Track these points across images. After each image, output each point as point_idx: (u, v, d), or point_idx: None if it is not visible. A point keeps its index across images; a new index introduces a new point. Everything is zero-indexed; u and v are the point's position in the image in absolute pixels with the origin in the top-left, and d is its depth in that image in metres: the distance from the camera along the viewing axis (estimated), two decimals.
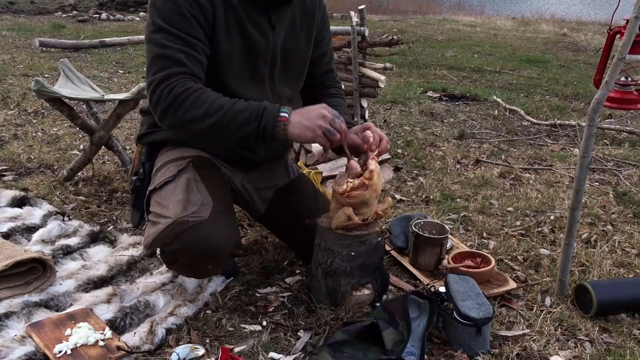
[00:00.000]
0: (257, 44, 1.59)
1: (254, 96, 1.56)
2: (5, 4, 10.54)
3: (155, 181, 1.65)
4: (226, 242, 1.56)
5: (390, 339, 1.47)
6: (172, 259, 1.58)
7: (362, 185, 1.55)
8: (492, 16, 14.72)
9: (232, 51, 1.56)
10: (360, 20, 3.39)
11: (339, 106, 1.85)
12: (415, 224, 1.95)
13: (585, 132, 1.65)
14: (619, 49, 1.56)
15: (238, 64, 1.58)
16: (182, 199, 1.54)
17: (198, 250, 1.51)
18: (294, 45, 1.69)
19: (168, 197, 1.57)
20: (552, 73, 6.59)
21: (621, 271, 2.01)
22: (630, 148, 3.66)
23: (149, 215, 1.62)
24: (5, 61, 5.73)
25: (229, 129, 1.46)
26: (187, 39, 1.47)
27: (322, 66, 1.86)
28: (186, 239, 1.49)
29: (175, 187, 1.59)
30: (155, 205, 1.61)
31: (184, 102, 1.44)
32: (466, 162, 3.26)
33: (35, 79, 2.45)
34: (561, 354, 1.54)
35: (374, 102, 4.58)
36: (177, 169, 1.63)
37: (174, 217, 1.50)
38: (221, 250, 1.55)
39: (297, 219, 1.74)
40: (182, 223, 1.49)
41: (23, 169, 2.84)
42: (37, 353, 1.44)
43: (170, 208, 1.54)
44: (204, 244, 1.50)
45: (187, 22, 1.46)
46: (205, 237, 1.49)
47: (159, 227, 1.53)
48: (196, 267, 1.61)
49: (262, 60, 1.62)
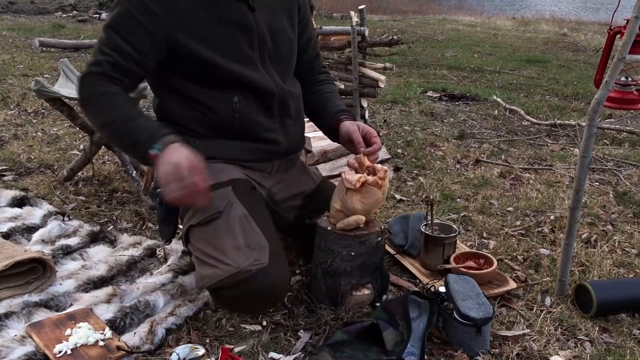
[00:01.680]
0: (239, 28, 1.57)
1: (256, 79, 1.58)
2: (5, 4, 10.55)
3: (198, 214, 1.57)
4: (284, 285, 1.58)
5: (391, 339, 1.47)
6: (231, 302, 1.59)
7: (376, 184, 1.55)
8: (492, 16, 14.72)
9: (216, 40, 1.55)
10: (360, 20, 3.39)
11: (332, 92, 1.86)
12: (425, 225, 1.95)
13: (585, 132, 1.65)
14: (619, 49, 1.56)
15: (229, 50, 1.57)
16: (240, 244, 1.51)
17: (259, 296, 1.53)
18: (280, 26, 1.68)
19: (221, 239, 1.52)
20: (552, 73, 6.59)
21: (621, 271, 2.01)
22: (630, 148, 3.66)
23: (197, 252, 1.58)
24: (5, 61, 5.73)
25: (120, 147, 1.58)
26: (120, 45, 1.47)
27: (310, 52, 1.86)
28: (248, 287, 1.49)
29: (227, 227, 1.54)
30: (204, 244, 1.55)
31: (88, 105, 1.51)
32: (466, 162, 3.26)
33: (35, 79, 2.45)
34: (561, 354, 1.54)
35: (374, 102, 4.58)
36: (222, 203, 1.56)
37: (237, 267, 1.47)
38: (281, 293, 1.59)
39: None
40: (246, 272, 1.47)
41: (23, 169, 2.84)
42: (37, 353, 1.44)
43: (228, 253, 1.50)
44: (265, 290, 1.51)
45: (129, 29, 1.47)
46: (266, 284, 1.50)
47: (216, 272, 1.50)
48: (253, 309, 1.65)
49: (248, 44, 1.60)
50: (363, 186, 1.56)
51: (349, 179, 1.55)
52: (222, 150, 1.66)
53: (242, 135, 1.66)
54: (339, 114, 1.75)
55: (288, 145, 1.75)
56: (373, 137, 1.66)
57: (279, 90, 1.66)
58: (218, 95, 1.59)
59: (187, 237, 1.63)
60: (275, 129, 1.70)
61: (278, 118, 1.70)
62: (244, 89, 1.61)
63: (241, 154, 1.68)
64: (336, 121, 1.73)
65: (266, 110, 1.66)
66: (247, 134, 1.66)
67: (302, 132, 1.85)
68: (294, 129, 1.77)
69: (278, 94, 1.66)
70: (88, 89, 1.49)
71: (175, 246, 2.01)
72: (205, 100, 1.59)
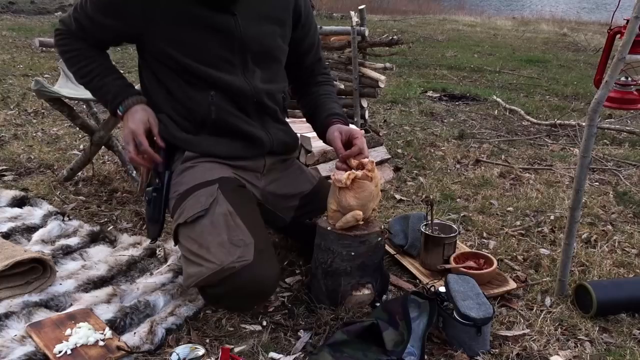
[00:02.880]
0: (216, 32, 1.59)
1: (229, 81, 1.63)
2: (5, 4, 10.55)
3: (184, 213, 1.59)
4: (271, 281, 1.57)
5: (391, 340, 1.47)
6: (217, 299, 1.60)
7: (366, 177, 1.56)
8: (492, 16, 14.72)
9: (193, 41, 1.59)
10: (360, 20, 3.39)
11: (328, 94, 1.87)
12: (425, 225, 1.95)
13: (585, 132, 1.65)
14: (619, 49, 1.56)
15: (201, 53, 1.60)
16: (224, 241, 1.51)
17: (245, 293, 1.52)
18: (265, 31, 1.68)
19: (205, 237, 1.53)
20: (552, 73, 6.59)
21: (621, 271, 2.01)
22: (630, 148, 3.66)
23: (184, 251, 1.59)
24: (5, 61, 5.73)
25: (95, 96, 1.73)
26: (96, 19, 1.61)
27: (311, 57, 1.87)
28: (233, 284, 1.49)
29: (211, 225, 1.54)
30: (191, 243, 1.56)
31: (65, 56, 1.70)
32: (466, 162, 3.26)
33: (35, 79, 2.45)
34: (561, 354, 1.54)
35: (374, 102, 4.58)
36: (208, 201, 1.58)
37: (220, 264, 1.47)
38: (267, 289, 1.59)
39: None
40: (229, 269, 1.47)
41: (23, 169, 2.84)
42: (37, 353, 1.44)
43: (212, 251, 1.50)
44: (250, 287, 1.51)
45: (107, 10, 1.59)
46: (252, 280, 1.49)
47: (201, 270, 1.50)
48: (241, 306, 1.65)
49: (228, 48, 1.62)
50: (354, 182, 1.56)
51: (339, 178, 1.56)
52: (209, 145, 1.68)
53: (222, 130, 1.68)
54: (329, 117, 1.76)
55: (272, 141, 1.76)
56: (354, 138, 1.65)
57: (253, 92, 1.67)
58: (194, 88, 1.64)
59: (176, 237, 1.64)
60: (255, 125, 1.72)
61: (256, 116, 1.72)
62: (218, 88, 1.64)
63: (228, 150, 1.70)
64: (326, 125, 1.75)
65: (241, 109, 1.69)
66: (227, 128, 1.69)
67: (287, 130, 1.86)
68: (275, 125, 1.78)
69: (251, 95, 1.67)
70: (64, 42, 1.69)
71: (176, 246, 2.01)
72: (185, 90, 1.64)
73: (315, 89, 1.88)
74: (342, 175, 1.56)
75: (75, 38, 1.67)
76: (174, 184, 1.68)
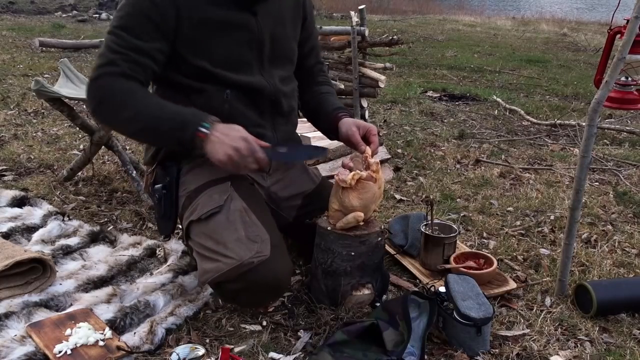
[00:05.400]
0: (237, 30, 1.58)
1: (247, 81, 1.60)
2: (5, 4, 10.55)
3: (197, 210, 1.59)
4: (286, 276, 1.59)
5: (391, 340, 1.47)
6: (233, 295, 1.61)
7: (370, 178, 1.56)
8: (492, 16, 14.72)
9: (211, 42, 1.56)
10: (360, 20, 3.39)
11: (330, 92, 1.88)
12: (425, 225, 1.95)
13: (585, 132, 1.65)
14: (619, 49, 1.56)
15: (222, 54, 1.58)
16: (241, 237, 1.52)
17: (261, 288, 1.53)
18: (282, 32, 1.69)
19: (222, 232, 1.53)
20: (552, 73, 6.59)
21: (621, 271, 2.01)
22: (630, 148, 3.66)
23: (198, 248, 1.58)
24: (5, 61, 5.73)
25: (153, 137, 1.53)
26: (133, 42, 1.47)
27: (311, 59, 1.89)
28: (251, 279, 1.50)
29: (227, 221, 1.55)
30: (205, 239, 1.56)
31: (108, 103, 1.47)
32: (466, 162, 3.26)
33: (35, 79, 2.45)
34: (561, 354, 1.54)
35: (374, 102, 4.58)
36: (222, 198, 1.58)
37: (239, 259, 1.48)
38: (283, 284, 1.61)
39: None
40: (248, 264, 1.48)
41: (23, 169, 2.84)
42: (37, 353, 1.44)
43: (230, 246, 1.50)
44: (268, 282, 1.52)
45: (139, 24, 1.48)
46: (269, 276, 1.51)
47: (219, 265, 1.51)
48: (256, 302, 1.66)
49: (247, 46, 1.61)
50: (359, 182, 1.56)
51: (343, 178, 1.56)
52: None
53: None
54: (337, 111, 1.77)
55: (278, 142, 1.76)
56: (372, 135, 1.67)
57: (272, 90, 1.67)
58: (210, 87, 1.61)
59: (187, 234, 1.64)
60: (265, 125, 1.71)
61: (269, 115, 1.72)
62: (235, 87, 1.62)
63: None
64: (335, 119, 1.74)
65: (256, 108, 1.68)
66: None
67: (293, 131, 1.86)
68: (285, 127, 1.78)
69: (269, 93, 1.67)
70: (104, 90, 1.47)
71: (175, 246, 2.01)
72: (199, 87, 1.60)
73: (316, 88, 1.89)
74: (346, 175, 1.56)
75: (126, 78, 1.47)
76: (182, 182, 1.68)
